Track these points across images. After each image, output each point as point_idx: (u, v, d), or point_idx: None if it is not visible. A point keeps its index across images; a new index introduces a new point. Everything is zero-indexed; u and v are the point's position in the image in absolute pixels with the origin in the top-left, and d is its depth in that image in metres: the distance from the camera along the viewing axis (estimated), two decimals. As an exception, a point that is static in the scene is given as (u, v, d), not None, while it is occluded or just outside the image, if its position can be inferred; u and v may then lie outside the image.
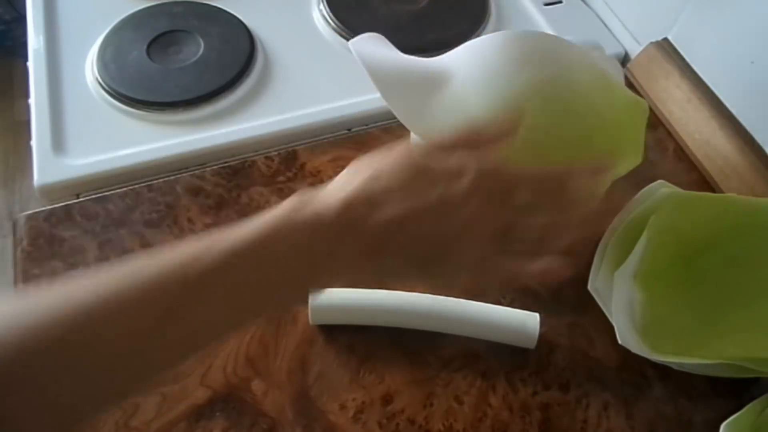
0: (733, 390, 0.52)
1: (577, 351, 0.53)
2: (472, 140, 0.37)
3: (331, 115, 0.66)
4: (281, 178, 0.61)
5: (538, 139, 0.46)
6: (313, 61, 0.71)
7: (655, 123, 0.69)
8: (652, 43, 0.71)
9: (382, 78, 0.49)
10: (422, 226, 0.34)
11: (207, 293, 0.31)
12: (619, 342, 0.50)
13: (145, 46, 0.70)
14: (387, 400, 0.50)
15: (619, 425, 0.50)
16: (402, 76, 0.51)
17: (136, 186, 0.60)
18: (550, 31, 0.75)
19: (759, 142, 0.62)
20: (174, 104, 0.66)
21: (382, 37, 0.54)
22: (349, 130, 0.67)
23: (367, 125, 0.67)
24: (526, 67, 0.48)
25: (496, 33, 0.53)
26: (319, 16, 0.75)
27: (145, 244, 0.57)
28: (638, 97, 0.55)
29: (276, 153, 0.63)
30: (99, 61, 0.68)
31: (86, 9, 0.75)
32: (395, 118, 0.68)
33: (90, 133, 0.64)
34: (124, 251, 0.56)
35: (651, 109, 0.70)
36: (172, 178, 0.61)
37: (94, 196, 0.60)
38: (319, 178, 0.61)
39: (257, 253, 0.32)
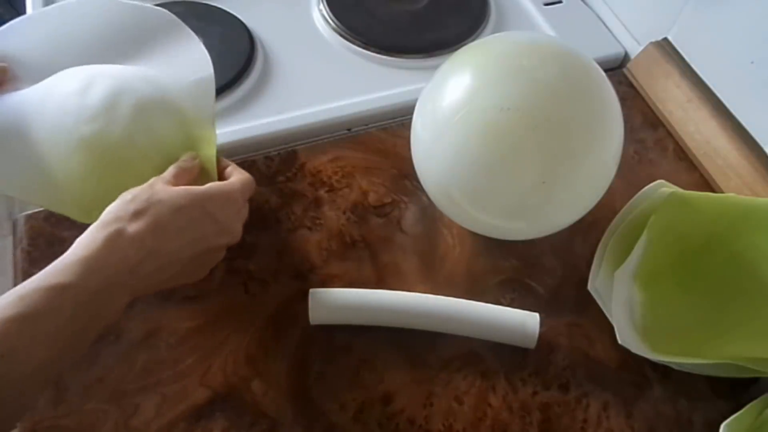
0: (733, 390, 0.52)
1: (577, 351, 0.53)
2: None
3: (331, 115, 0.66)
4: (281, 178, 0.61)
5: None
6: (313, 61, 0.71)
7: (655, 123, 0.70)
8: (652, 43, 0.71)
9: None
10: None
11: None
12: (619, 342, 0.50)
13: (145, 46, 0.69)
14: (387, 400, 0.50)
15: (619, 425, 0.50)
16: None
17: (136, 186, 0.60)
18: (550, 32, 0.76)
19: (759, 142, 0.62)
20: (174, 104, 0.66)
21: None
22: (349, 130, 0.67)
23: (367, 125, 0.67)
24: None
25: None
26: (319, 16, 0.75)
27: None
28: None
29: (276, 153, 0.63)
30: (99, 61, 0.68)
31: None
32: (395, 118, 0.68)
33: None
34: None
35: (651, 109, 0.71)
36: (172, 178, 0.61)
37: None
38: (318, 178, 0.61)
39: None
